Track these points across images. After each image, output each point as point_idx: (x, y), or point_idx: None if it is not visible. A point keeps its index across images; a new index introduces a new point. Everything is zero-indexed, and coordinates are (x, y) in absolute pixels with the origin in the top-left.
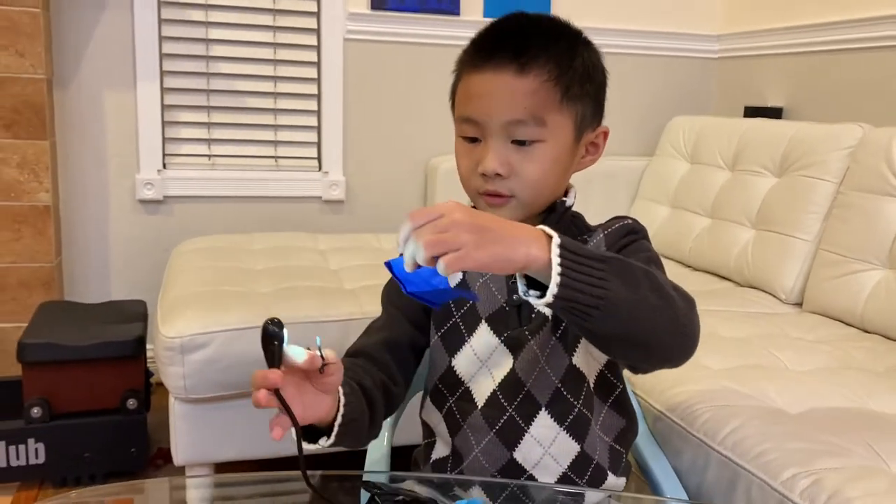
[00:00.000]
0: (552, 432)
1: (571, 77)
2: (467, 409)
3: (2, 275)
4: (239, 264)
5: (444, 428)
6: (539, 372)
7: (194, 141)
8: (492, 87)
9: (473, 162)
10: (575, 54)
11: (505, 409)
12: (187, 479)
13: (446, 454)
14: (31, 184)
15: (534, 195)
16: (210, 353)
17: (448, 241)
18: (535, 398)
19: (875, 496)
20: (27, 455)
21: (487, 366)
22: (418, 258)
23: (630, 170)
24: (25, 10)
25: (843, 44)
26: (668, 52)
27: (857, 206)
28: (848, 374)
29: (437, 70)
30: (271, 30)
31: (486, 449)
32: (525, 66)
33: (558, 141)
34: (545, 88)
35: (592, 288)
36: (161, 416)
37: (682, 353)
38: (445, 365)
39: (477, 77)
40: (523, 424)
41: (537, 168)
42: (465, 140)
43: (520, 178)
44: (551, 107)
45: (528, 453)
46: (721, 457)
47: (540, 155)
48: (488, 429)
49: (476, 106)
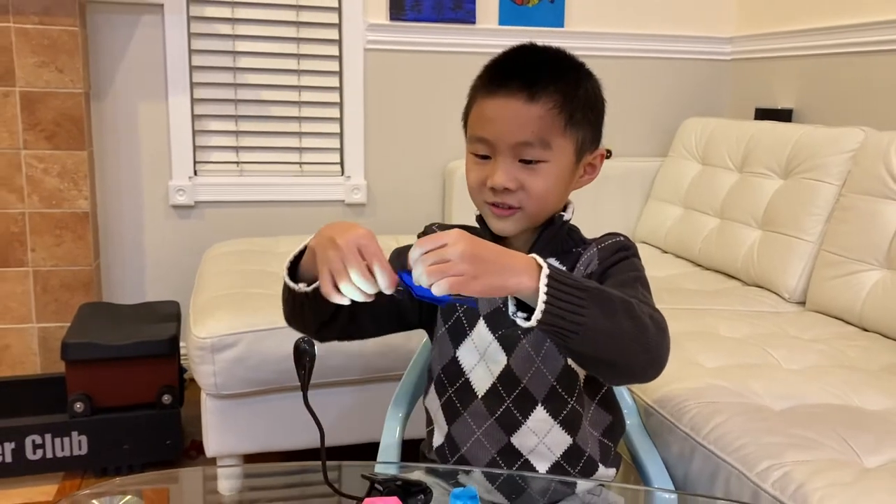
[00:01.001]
0: (547, 425)
1: (575, 106)
2: (467, 399)
3: (45, 278)
4: (266, 267)
5: (441, 416)
6: (535, 371)
7: (223, 149)
8: (504, 112)
9: (483, 176)
10: (579, 86)
11: (504, 399)
12: (218, 468)
13: (442, 441)
14: (70, 192)
15: (538, 208)
16: (238, 353)
17: (447, 271)
18: (531, 394)
19: (839, 486)
20: (71, 447)
21: (485, 360)
22: (422, 281)
23: (643, 171)
24: (65, 29)
25: (855, 46)
26: (682, 55)
27: (857, 208)
28: (838, 372)
29: (454, 77)
30: (295, 41)
31: (487, 432)
32: (535, 94)
33: (561, 162)
34: (551, 115)
35: (573, 315)
36: (194, 410)
37: (648, 374)
38: (451, 355)
39: (490, 102)
40: (520, 416)
41: (542, 184)
42: (476, 157)
43: (526, 192)
44: (556, 132)
45: (524, 440)
46: (704, 450)
47: (545, 173)
48: (489, 415)
49: (489, 128)
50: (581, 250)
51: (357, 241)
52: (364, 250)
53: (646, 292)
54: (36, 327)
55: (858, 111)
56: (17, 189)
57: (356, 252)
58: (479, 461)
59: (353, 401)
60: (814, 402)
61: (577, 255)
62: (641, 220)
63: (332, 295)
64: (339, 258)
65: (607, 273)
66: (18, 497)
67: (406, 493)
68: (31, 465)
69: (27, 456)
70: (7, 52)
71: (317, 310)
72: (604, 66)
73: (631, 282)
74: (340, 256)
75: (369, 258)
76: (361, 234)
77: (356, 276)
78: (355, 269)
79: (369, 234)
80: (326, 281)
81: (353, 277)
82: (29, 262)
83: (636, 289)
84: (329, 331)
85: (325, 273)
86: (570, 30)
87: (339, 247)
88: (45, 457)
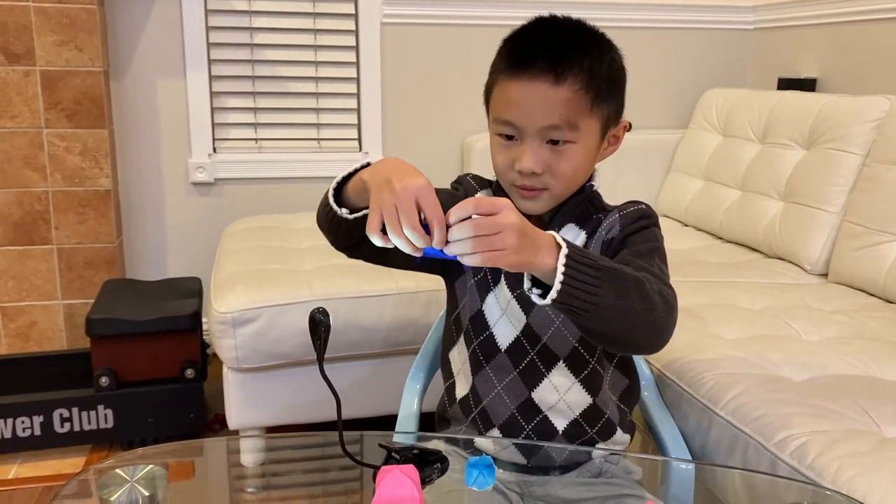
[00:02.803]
0: (568, 381)
1: (600, 84)
2: (491, 353)
3: (69, 255)
4: (285, 243)
5: (468, 367)
6: (555, 330)
7: (242, 126)
8: (529, 96)
9: (510, 158)
10: (602, 61)
11: (528, 352)
12: (241, 439)
13: (466, 393)
14: (92, 170)
15: (566, 188)
16: (259, 327)
17: (494, 243)
18: (552, 351)
19: (857, 456)
20: (97, 420)
21: (507, 315)
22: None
23: (664, 143)
24: (83, 7)
25: (880, 13)
26: (703, 25)
27: (882, 178)
28: (859, 343)
29: (472, 50)
30: (311, 16)
31: (508, 386)
32: (560, 76)
33: (587, 141)
34: (578, 97)
35: (586, 294)
36: (218, 384)
37: (652, 348)
38: (477, 307)
39: (514, 84)
40: (544, 369)
41: (570, 165)
42: (502, 138)
43: (554, 174)
44: (583, 113)
45: (545, 396)
46: (722, 420)
47: (572, 154)
48: (512, 368)
49: (514, 112)
50: (602, 216)
51: (417, 191)
52: (422, 203)
53: (661, 264)
54: (61, 304)
55: (884, 80)
56: (40, 168)
57: (413, 203)
58: (499, 415)
59: (372, 374)
60: (834, 372)
61: (597, 222)
62: (662, 192)
63: (376, 237)
64: (393, 204)
65: (627, 241)
66: (48, 469)
67: (423, 461)
68: (58, 438)
69: (55, 429)
70: (27, 31)
71: (350, 234)
72: (624, 36)
73: (648, 252)
74: (395, 202)
75: (428, 213)
76: (422, 184)
77: (409, 229)
78: (409, 221)
79: (428, 185)
80: (375, 223)
81: (406, 230)
82: (53, 240)
83: (652, 259)
84: (354, 251)
85: (376, 215)
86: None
87: (397, 192)
88: (73, 430)
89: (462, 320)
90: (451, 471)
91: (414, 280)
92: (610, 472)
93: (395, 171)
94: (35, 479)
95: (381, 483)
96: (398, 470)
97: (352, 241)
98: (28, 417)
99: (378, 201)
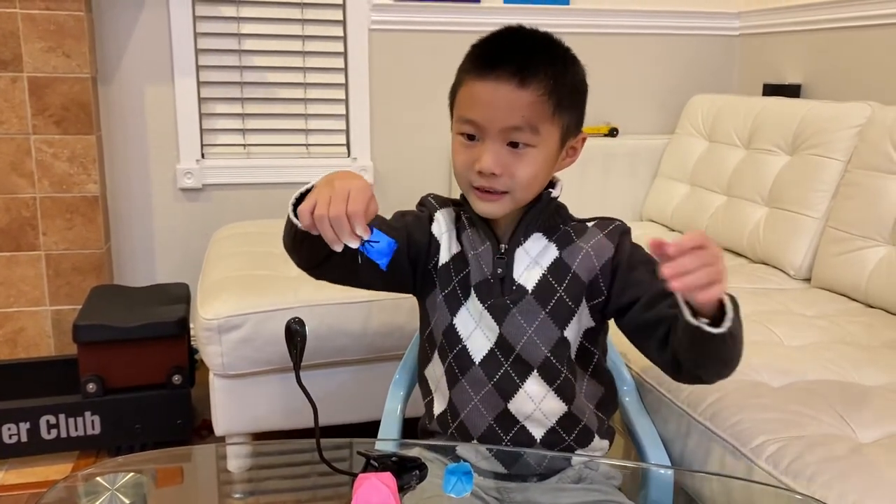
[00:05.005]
0: (543, 390)
1: (563, 92)
2: (466, 365)
3: (57, 261)
4: (272, 249)
5: (444, 383)
6: (527, 340)
7: (230, 131)
8: (494, 96)
9: (470, 158)
10: (567, 71)
11: (502, 364)
12: (227, 445)
13: (444, 408)
14: (80, 176)
15: (525, 193)
16: (244, 333)
17: (720, 272)
18: (525, 361)
19: (831, 461)
20: (85, 426)
21: (480, 327)
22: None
23: (651, 148)
24: (71, 14)
25: (864, 20)
26: (689, 31)
27: (863, 184)
28: (839, 348)
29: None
30: (300, 23)
31: (484, 398)
32: (525, 80)
33: (547, 147)
34: (541, 102)
35: (738, 323)
36: (206, 390)
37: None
38: (447, 322)
39: (480, 84)
40: (518, 380)
41: (529, 170)
42: (463, 137)
43: (513, 178)
44: (545, 118)
45: (521, 406)
46: (700, 425)
47: (531, 158)
48: (487, 381)
49: (478, 111)
50: (569, 229)
51: (352, 188)
52: (352, 197)
53: None
54: (49, 310)
55: (867, 86)
56: (28, 174)
57: (346, 196)
58: (477, 428)
59: (357, 380)
60: (813, 378)
61: (566, 234)
62: (649, 198)
63: (306, 221)
64: (327, 195)
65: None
66: (34, 475)
67: (401, 468)
68: (45, 444)
69: (42, 435)
70: (14, 37)
71: (312, 249)
72: (610, 43)
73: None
74: (331, 194)
75: (351, 206)
76: (360, 185)
77: (335, 216)
78: (336, 208)
79: (366, 186)
80: (307, 207)
81: (332, 213)
82: (41, 246)
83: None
84: (318, 272)
85: (311, 201)
86: (576, 7)
87: (335, 187)
88: (60, 436)
89: (435, 336)
90: (432, 477)
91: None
92: (590, 477)
93: (340, 175)
94: (21, 485)
95: (357, 490)
96: (375, 477)
97: (314, 261)
98: (15, 424)
99: (315, 192)
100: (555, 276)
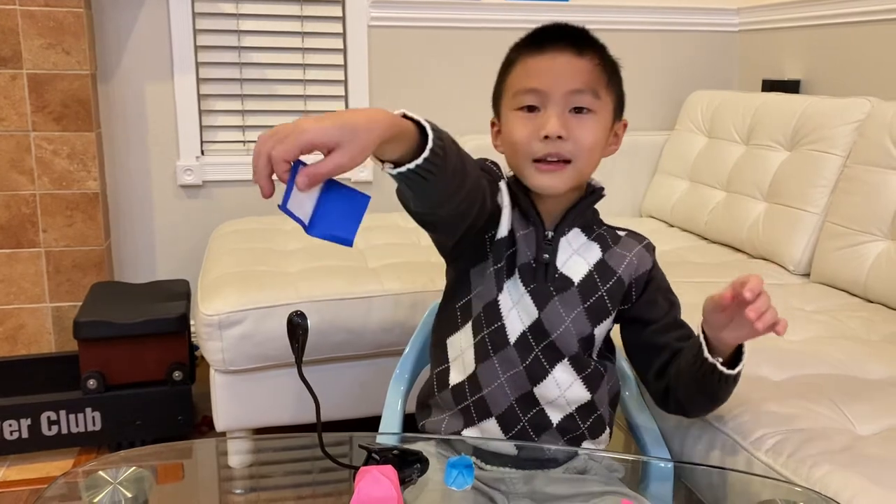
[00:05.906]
0: (570, 378)
1: (612, 68)
2: (500, 344)
3: (58, 258)
4: (272, 245)
5: (471, 354)
6: (564, 330)
7: (230, 128)
8: (555, 64)
9: (534, 128)
10: (609, 54)
11: (532, 348)
12: (228, 441)
13: (462, 380)
14: (80, 173)
15: (586, 162)
16: (245, 329)
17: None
18: (558, 349)
19: (830, 453)
20: (85, 423)
21: (518, 309)
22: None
23: (651, 144)
24: (70, 11)
25: (863, 16)
26: (689, 27)
27: (862, 179)
28: (839, 342)
29: (459, 53)
30: (299, 19)
31: (511, 378)
32: (582, 50)
33: (604, 116)
34: (598, 69)
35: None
36: (206, 386)
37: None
38: (493, 297)
39: (539, 57)
40: (547, 366)
41: (591, 135)
42: (523, 111)
43: (576, 142)
44: (602, 84)
45: (546, 391)
46: (700, 420)
47: (594, 124)
48: (519, 363)
49: (541, 78)
50: (604, 232)
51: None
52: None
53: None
54: (49, 307)
55: (867, 81)
56: (28, 171)
57: (302, 144)
58: (498, 406)
59: (360, 375)
60: (812, 372)
61: (602, 237)
62: (648, 193)
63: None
64: (289, 131)
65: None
66: (35, 472)
67: (403, 461)
68: (46, 440)
69: (43, 432)
70: (14, 34)
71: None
72: (609, 39)
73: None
74: (294, 131)
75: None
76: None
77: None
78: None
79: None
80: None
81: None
82: (41, 243)
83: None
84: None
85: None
86: (575, 3)
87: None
88: (60, 433)
89: (473, 307)
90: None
91: (399, 282)
92: (594, 469)
93: (360, 116)
94: (22, 481)
95: (359, 483)
96: (376, 470)
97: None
98: (16, 420)
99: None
100: (600, 275)
